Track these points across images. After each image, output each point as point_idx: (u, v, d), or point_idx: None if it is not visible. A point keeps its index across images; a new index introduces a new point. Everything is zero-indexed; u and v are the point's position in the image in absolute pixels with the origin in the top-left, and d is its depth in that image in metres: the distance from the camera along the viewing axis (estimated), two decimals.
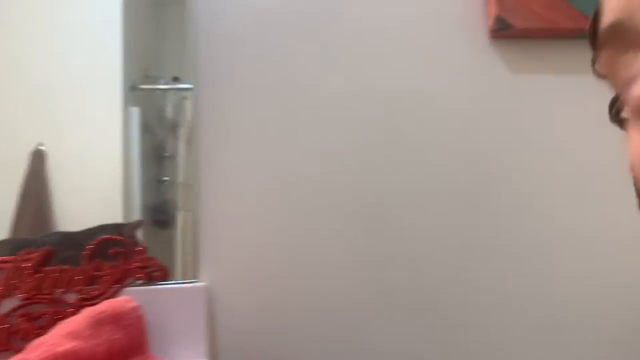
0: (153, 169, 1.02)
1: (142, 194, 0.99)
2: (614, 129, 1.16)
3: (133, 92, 1.01)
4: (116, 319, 0.78)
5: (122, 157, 0.98)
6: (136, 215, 0.98)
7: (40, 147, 0.97)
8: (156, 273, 0.89)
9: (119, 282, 0.86)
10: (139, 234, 0.93)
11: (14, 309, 0.81)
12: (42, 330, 0.78)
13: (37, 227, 0.95)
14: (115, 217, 0.95)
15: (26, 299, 0.81)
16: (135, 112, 1.01)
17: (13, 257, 0.82)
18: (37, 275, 0.82)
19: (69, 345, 0.73)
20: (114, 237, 0.87)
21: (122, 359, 0.77)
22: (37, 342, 0.74)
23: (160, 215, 1.01)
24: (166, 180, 1.02)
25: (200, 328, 0.87)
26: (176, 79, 1.00)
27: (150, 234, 0.97)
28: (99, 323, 0.77)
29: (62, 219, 0.95)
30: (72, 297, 0.84)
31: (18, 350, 0.74)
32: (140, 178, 1.00)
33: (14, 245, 0.85)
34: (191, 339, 0.86)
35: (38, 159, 0.96)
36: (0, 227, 0.90)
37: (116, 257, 0.87)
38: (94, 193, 0.98)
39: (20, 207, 0.94)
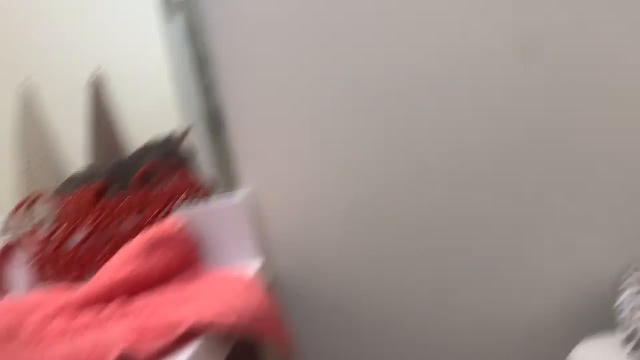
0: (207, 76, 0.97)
1: (198, 100, 0.95)
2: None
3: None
4: (166, 241, 0.84)
5: (169, 65, 0.95)
6: (194, 121, 0.95)
7: (99, 71, 0.97)
8: (202, 189, 0.90)
9: (168, 205, 0.89)
10: (195, 141, 0.93)
11: (82, 242, 0.88)
12: (107, 258, 0.83)
13: (109, 152, 0.97)
14: (174, 126, 0.95)
15: (89, 231, 0.88)
16: (179, 19, 0.95)
17: (74, 194, 0.87)
18: (95, 209, 0.86)
19: (127, 270, 0.79)
20: (157, 161, 0.86)
21: (176, 274, 0.84)
22: (100, 271, 0.79)
23: (218, 120, 0.97)
24: None
25: (247, 232, 0.90)
26: None
27: (208, 139, 0.96)
28: (152, 247, 0.82)
29: (128, 137, 0.97)
30: (128, 225, 0.89)
31: (90, 278, 0.80)
32: (193, 84, 0.95)
33: (76, 181, 0.89)
34: (241, 243, 0.90)
35: (98, 83, 0.97)
36: (76, 155, 0.95)
37: (162, 181, 0.89)
38: (150, 106, 0.97)
39: (92, 133, 0.97)
